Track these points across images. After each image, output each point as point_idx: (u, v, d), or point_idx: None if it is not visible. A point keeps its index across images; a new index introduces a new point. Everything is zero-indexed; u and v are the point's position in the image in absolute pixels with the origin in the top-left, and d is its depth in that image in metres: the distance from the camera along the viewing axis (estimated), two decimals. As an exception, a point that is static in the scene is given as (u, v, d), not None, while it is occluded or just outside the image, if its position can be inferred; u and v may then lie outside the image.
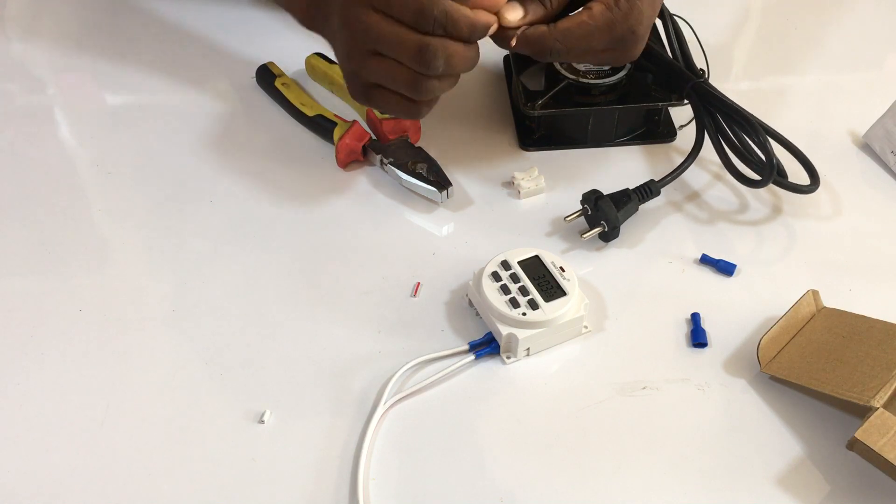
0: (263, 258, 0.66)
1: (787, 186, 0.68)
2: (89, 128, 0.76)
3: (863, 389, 0.53)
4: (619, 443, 0.56)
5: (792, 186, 0.67)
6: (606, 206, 0.65)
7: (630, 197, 0.66)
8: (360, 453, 0.55)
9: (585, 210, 0.66)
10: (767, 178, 0.66)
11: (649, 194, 0.68)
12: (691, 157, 0.69)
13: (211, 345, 0.61)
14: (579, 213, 0.67)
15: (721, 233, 0.68)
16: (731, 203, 0.70)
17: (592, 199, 0.66)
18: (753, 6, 0.91)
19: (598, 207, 0.65)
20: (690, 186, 0.71)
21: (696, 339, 0.61)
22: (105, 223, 0.69)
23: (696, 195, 0.71)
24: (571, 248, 0.67)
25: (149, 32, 0.85)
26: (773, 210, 0.69)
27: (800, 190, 0.67)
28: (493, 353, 0.60)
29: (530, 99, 0.71)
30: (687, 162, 0.69)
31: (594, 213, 0.66)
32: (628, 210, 0.66)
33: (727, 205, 0.70)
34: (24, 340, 0.61)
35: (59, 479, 0.54)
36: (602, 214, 0.65)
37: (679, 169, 0.69)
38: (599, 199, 0.65)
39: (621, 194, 0.66)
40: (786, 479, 0.54)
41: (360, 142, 0.71)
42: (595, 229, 0.66)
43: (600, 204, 0.65)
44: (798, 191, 0.68)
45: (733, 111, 0.68)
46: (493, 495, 0.54)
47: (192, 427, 0.56)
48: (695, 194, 0.71)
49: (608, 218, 0.65)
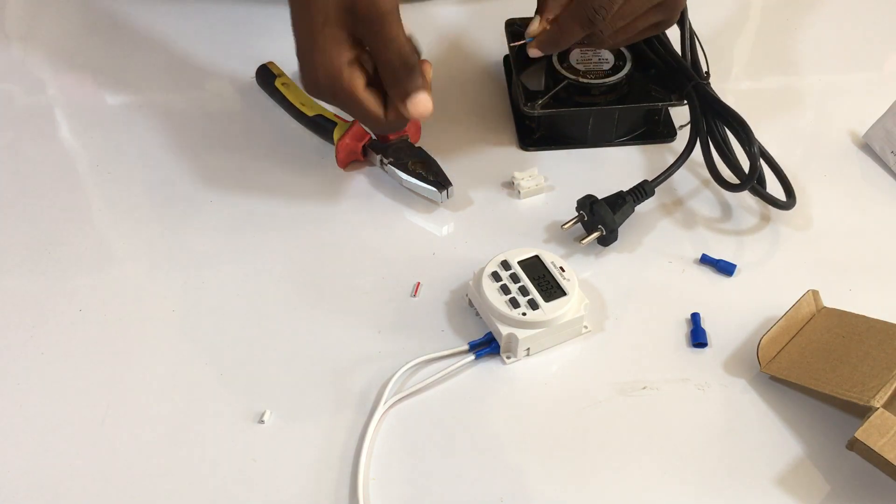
0: (263, 258, 0.66)
1: (765, 197, 0.67)
2: (89, 128, 0.76)
3: (863, 389, 0.53)
4: (619, 443, 0.56)
5: (769, 198, 0.67)
6: (602, 210, 0.64)
7: (625, 199, 0.66)
8: (360, 453, 0.55)
9: (581, 216, 0.66)
10: (745, 184, 0.66)
11: (644, 195, 0.67)
12: (683, 156, 0.69)
13: (211, 345, 0.61)
14: (575, 220, 0.66)
15: (721, 233, 0.68)
16: (731, 203, 0.70)
17: (587, 204, 0.65)
18: (753, 6, 0.91)
19: (594, 212, 0.65)
20: (690, 187, 0.71)
21: (696, 339, 0.61)
22: (105, 223, 0.69)
23: (695, 195, 0.70)
24: (571, 252, 0.66)
25: (149, 32, 0.85)
26: (774, 210, 0.69)
27: (776, 204, 0.67)
28: (493, 353, 0.60)
29: (530, 99, 0.71)
30: (679, 161, 0.69)
31: (591, 219, 0.66)
32: (624, 212, 0.66)
33: (727, 205, 0.70)
34: (24, 340, 0.61)
35: (59, 479, 0.54)
36: (599, 219, 0.65)
37: (671, 168, 0.68)
38: (595, 204, 0.65)
39: (616, 197, 0.66)
40: (786, 479, 0.54)
41: (360, 142, 0.71)
42: (593, 234, 0.65)
43: (596, 208, 0.65)
44: (774, 204, 0.67)
45: (730, 115, 0.68)
46: (494, 495, 0.54)
47: (193, 427, 0.57)
48: (695, 194, 0.70)
49: (605, 222, 0.64)
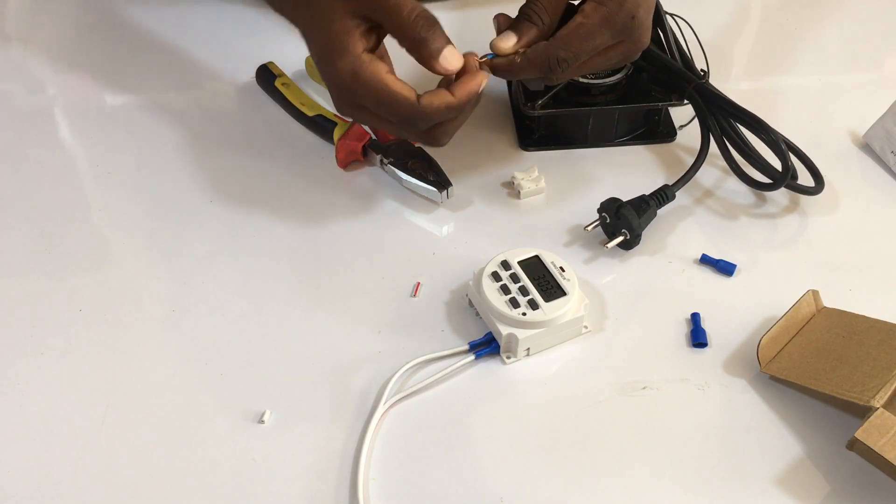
0: (263, 258, 0.66)
1: (797, 188, 0.68)
2: (89, 128, 0.76)
3: (863, 389, 0.53)
4: (619, 443, 0.56)
5: (801, 188, 0.68)
6: (630, 215, 0.64)
7: (649, 203, 0.66)
8: (360, 453, 0.55)
9: (604, 218, 0.65)
10: (782, 180, 0.67)
11: (665, 199, 0.67)
12: (701, 157, 0.69)
13: (211, 345, 0.61)
14: (597, 222, 0.66)
15: (721, 233, 0.68)
16: (730, 203, 0.70)
17: (613, 207, 0.65)
18: (753, 6, 0.91)
19: (621, 216, 0.64)
20: (690, 187, 0.71)
21: (696, 339, 0.61)
22: (105, 223, 0.69)
23: (695, 195, 0.70)
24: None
25: (149, 32, 0.85)
26: (773, 210, 0.69)
27: (807, 191, 0.68)
28: (493, 353, 0.60)
29: (530, 99, 0.71)
30: (697, 164, 0.69)
31: (613, 221, 0.65)
32: (648, 216, 0.66)
33: (727, 205, 0.70)
34: (24, 340, 0.61)
35: (59, 479, 0.54)
36: (625, 223, 0.64)
37: (691, 171, 0.69)
38: (622, 208, 0.64)
39: (640, 201, 0.66)
40: (786, 479, 0.54)
41: (360, 142, 0.71)
42: (617, 238, 0.65)
43: (623, 212, 0.64)
44: (805, 192, 0.68)
45: (741, 112, 0.68)
46: (494, 495, 0.54)
47: (192, 427, 0.57)
48: (694, 195, 0.70)
49: (631, 226, 0.64)
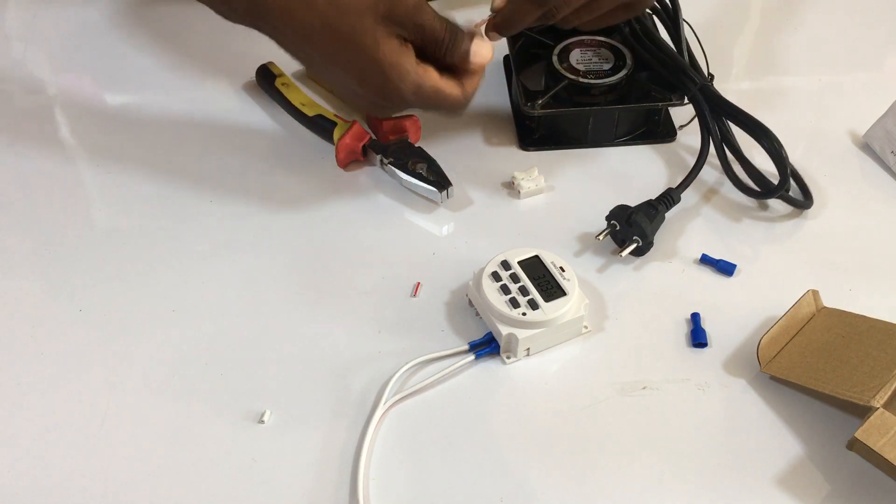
0: (263, 258, 0.66)
1: (788, 199, 0.68)
2: (89, 128, 0.76)
3: (863, 389, 0.53)
4: (619, 443, 0.56)
5: (792, 200, 0.68)
6: (643, 221, 0.64)
7: (657, 209, 0.66)
8: (360, 453, 0.55)
9: (614, 226, 0.65)
10: (778, 190, 0.67)
11: (672, 202, 0.67)
12: (701, 159, 0.70)
13: (211, 345, 0.61)
14: (608, 230, 0.65)
15: (721, 233, 0.68)
16: (730, 203, 0.70)
17: (624, 215, 0.64)
18: (753, 6, 0.91)
19: (633, 223, 0.64)
20: (690, 187, 0.71)
21: (696, 339, 0.61)
22: (105, 223, 0.69)
23: (695, 196, 0.70)
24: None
25: (149, 32, 0.85)
26: (773, 210, 0.69)
27: (798, 204, 0.68)
28: (493, 353, 0.60)
29: (530, 99, 0.71)
30: (697, 167, 0.69)
31: (623, 229, 0.65)
32: (658, 222, 0.66)
33: (727, 205, 0.70)
34: (24, 340, 0.61)
35: (59, 479, 0.54)
36: (637, 230, 0.64)
37: (693, 173, 0.69)
38: (634, 215, 0.64)
39: (649, 207, 0.65)
40: (786, 479, 0.54)
41: (360, 142, 0.71)
42: (630, 245, 0.64)
43: (635, 219, 0.64)
44: (796, 205, 0.68)
45: (745, 117, 0.68)
46: (494, 495, 0.54)
47: (192, 427, 0.56)
48: (694, 195, 0.70)
49: (645, 233, 0.64)
